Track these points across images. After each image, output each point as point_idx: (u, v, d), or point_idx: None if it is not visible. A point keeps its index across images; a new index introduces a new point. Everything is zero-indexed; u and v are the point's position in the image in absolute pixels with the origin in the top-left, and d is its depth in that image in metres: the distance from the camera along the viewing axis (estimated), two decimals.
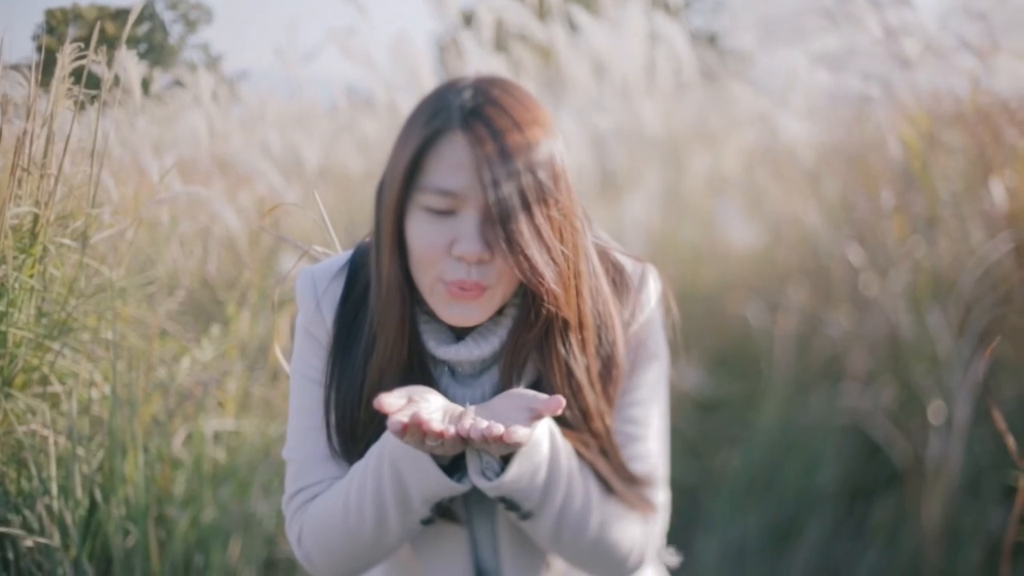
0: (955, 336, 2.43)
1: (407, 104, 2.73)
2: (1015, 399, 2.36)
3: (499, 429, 1.05)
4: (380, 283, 1.22)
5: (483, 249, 1.13)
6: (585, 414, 1.25)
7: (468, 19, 2.95)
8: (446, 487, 1.16)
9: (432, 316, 1.25)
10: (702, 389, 2.85)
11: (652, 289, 1.32)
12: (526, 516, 1.22)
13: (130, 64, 2.10)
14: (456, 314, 1.18)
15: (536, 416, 1.10)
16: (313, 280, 1.30)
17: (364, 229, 1.33)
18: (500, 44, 3.05)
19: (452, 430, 1.07)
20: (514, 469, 1.15)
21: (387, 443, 1.18)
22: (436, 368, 1.27)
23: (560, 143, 1.17)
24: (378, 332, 1.23)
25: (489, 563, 1.35)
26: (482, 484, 1.16)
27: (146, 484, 1.96)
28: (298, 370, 1.31)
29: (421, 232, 1.15)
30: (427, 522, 1.23)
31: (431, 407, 1.12)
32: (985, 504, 2.37)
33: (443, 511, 1.24)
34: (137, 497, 1.94)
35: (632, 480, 1.29)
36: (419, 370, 1.25)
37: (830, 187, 3.02)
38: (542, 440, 1.18)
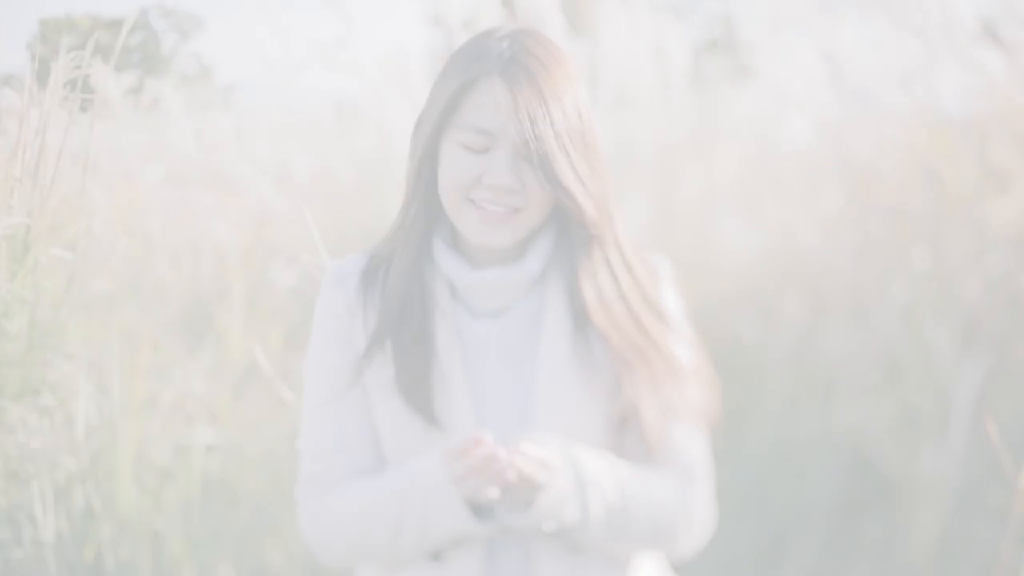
0: (955, 350, 2.41)
1: (399, 116, 2.73)
2: (1012, 414, 2.34)
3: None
4: (402, 213, 1.26)
5: (513, 180, 1.17)
6: (643, 331, 1.25)
7: (466, 25, 2.94)
8: (472, 529, 1.17)
9: (455, 247, 1.26)
10: None
11: (665, 275, 1.33)
12: (574, 529, 1.22)
13: (102, 74, 2.11)
14: (486, 234, 1.20)
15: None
16: (337, 263, 1.32)
17: (356, 244, 1.34)
18: None
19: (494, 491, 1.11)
20: (541, 497, 1.16)
21: (421, 472, 1.17)
22: (454, 307, 1.27)
23: (587, 95, 1.23)
24: (396, 258, 1.26)
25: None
26: (515, 521, 1.18)
27: (137, 497, 1.96)
28: (314, 360, 1.30)
29: (453, 164, 1.19)
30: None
31: None
32: (979, 522, 2.35)
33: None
34: (128, 510, 1.94)
35: (664, 452, 1.28)
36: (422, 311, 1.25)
37: (830, 196, 2.99)
38: (559, 463, 1.17)
